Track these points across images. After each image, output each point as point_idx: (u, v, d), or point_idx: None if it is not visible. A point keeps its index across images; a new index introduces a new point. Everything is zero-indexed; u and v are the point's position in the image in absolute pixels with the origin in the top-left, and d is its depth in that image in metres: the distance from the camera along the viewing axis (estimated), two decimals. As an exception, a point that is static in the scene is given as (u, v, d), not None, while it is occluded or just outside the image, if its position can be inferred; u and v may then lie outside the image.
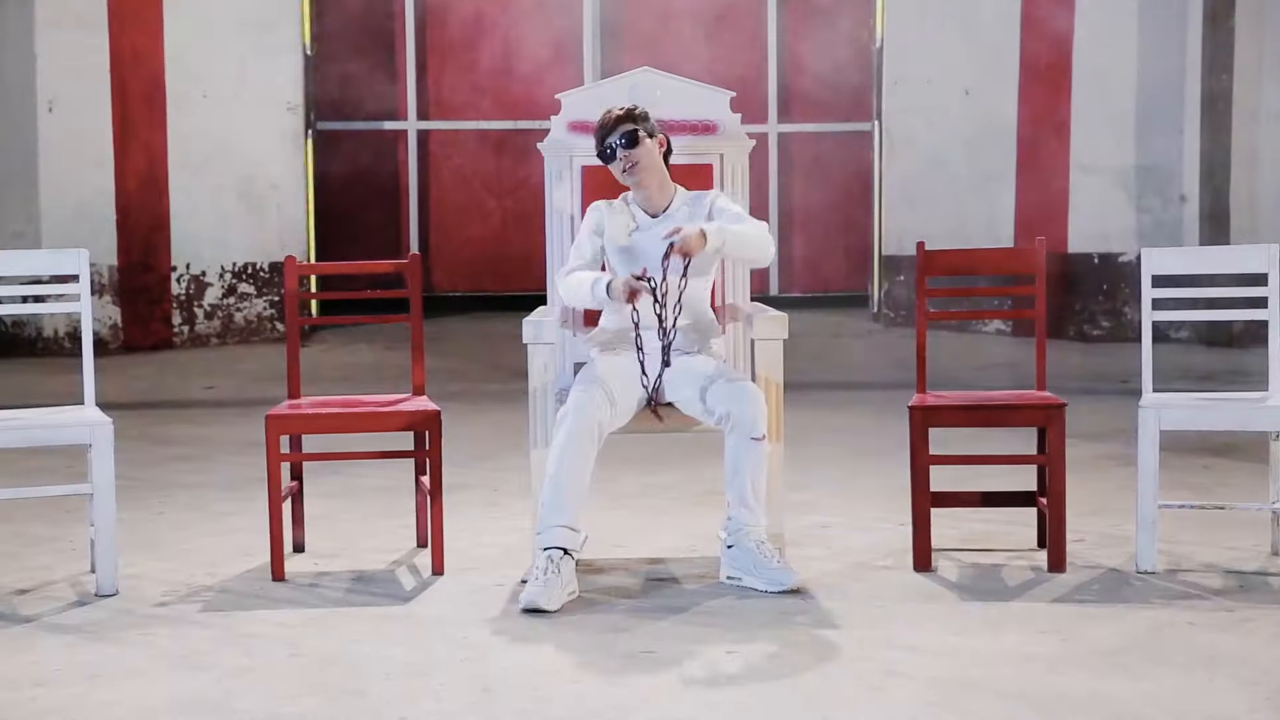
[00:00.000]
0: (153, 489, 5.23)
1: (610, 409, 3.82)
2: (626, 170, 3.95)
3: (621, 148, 3.92)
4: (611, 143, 3.94)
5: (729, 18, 9.74)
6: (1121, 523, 4.48)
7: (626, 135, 3.92)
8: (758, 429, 3.79)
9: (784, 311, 3.99)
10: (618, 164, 3.95)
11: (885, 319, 9.10)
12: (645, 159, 3.95)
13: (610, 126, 3.93)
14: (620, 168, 3.95)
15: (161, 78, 8.53)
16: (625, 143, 3.92)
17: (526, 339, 3.89)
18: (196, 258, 8.68)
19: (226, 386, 7.58)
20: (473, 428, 6.29)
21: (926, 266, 4.18)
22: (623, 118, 3.93)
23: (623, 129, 3.92)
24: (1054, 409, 3.93)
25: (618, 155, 3.93)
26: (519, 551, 4.23)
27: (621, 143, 3.92)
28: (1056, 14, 8.64)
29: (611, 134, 3.93)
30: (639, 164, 3.94)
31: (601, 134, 3.95)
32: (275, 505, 3.94)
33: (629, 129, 3.92)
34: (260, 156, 8.65)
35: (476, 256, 9.76)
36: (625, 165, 3.94)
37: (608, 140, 3.94)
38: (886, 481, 5.15)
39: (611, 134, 3.93)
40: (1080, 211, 8.65)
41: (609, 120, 3.94)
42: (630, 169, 3.94)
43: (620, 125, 3.92)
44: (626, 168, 3.94)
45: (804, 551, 4.21)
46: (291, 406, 4.15)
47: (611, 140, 3.94)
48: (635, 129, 3.93)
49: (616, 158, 3.94)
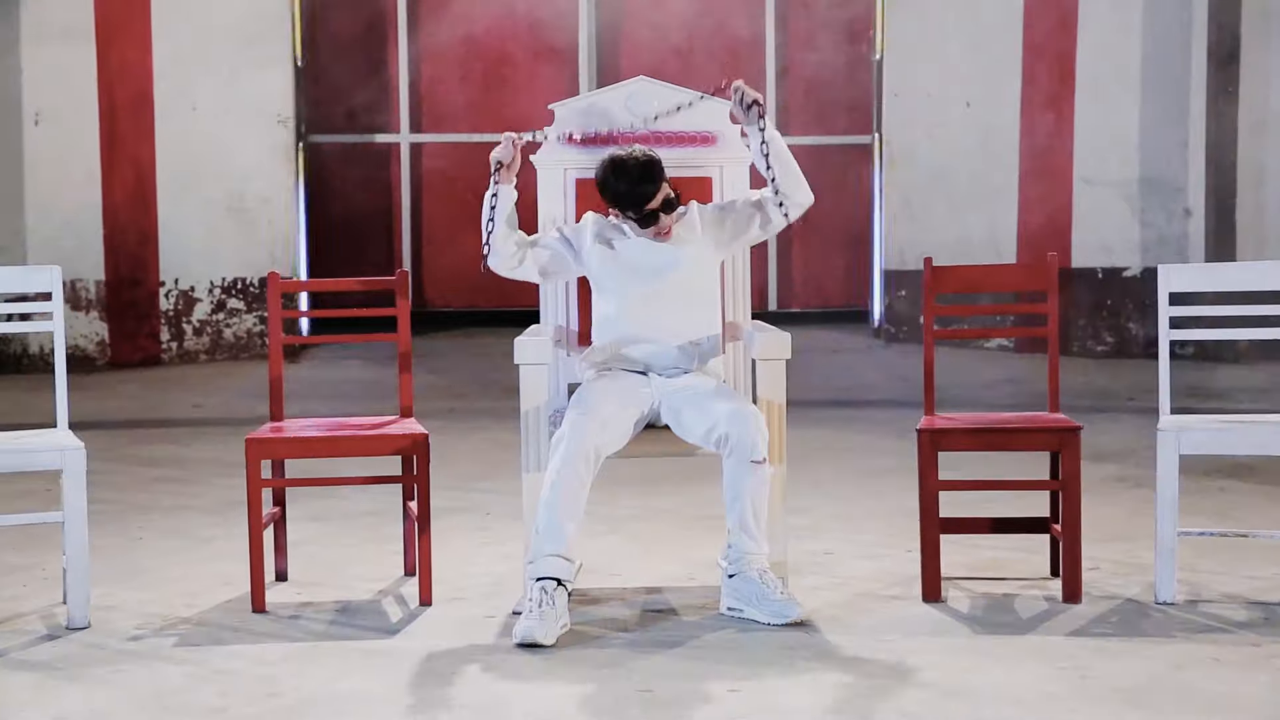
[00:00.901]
0: (133, 512, 5.07)
1: (607, 432, 3.66)
2: (663, 232, 3.81)
3: (663, 214, 3.79)
4: (653, 208, 3.77)
5: (727, 29, 9.63)
6: (1136, 549, 4.32)
7: (667, 204, 3.78)
8: (758, 452, 3.63)
9: (782, 326, 3.84)
10: (661, 225, 3.79)
11: (886, 334, 8.98)
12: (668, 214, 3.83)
13: (643, 194, 3.74)
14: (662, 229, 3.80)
15: (150, 90, 8.42)
16: (640, 222, 3.79)
17: (518, 359, 3.73)
18: (185, 273, 8.57)
19: (214, 405, 7.43)
20: (465, 447, 6.14)
21: (935, 283, 4.03)
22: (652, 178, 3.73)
23: (660, 196, 3.75)
24: (1068, 432, 3.77)
25: (661, 220, 3.78)
26: (510, 580, 4.06)
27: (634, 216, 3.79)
28: (1059, 25, 8.56)
29: (648, 199, 3.75)
30: (673, 215, 3.82)
31: (634, 197, 3.74)
32: (256, 533, 3.77)
33: (666, 196, 3.76)
34: (250, 170, 8.54)
35: (470, 271, 9.19)
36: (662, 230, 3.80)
37: (649, 207, 3.76)
38: (890, 504, 4.99)
39: (648, 199, 3.75)
40: (1083, 225, 8.56)
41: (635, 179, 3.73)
42: (666, 234, 3.81)
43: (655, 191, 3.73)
44: (664, 230, 3.80)
45: (807, 580, 4.04)
46: (274, 429, 3.98)
47: (653, 206, 3.77)
48: (672, 197, 3.78)
49: (660, 223, 3.78)
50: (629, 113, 4.02)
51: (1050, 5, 8.54)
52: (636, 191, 3.74)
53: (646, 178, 3.74)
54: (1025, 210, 8.64)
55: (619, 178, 3.76)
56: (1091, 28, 8.48)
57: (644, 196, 3.75)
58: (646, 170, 3.74)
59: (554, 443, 3.63)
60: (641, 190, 3.74)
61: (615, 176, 3.77)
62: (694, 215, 3.90)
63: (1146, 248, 8.57)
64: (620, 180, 3.75)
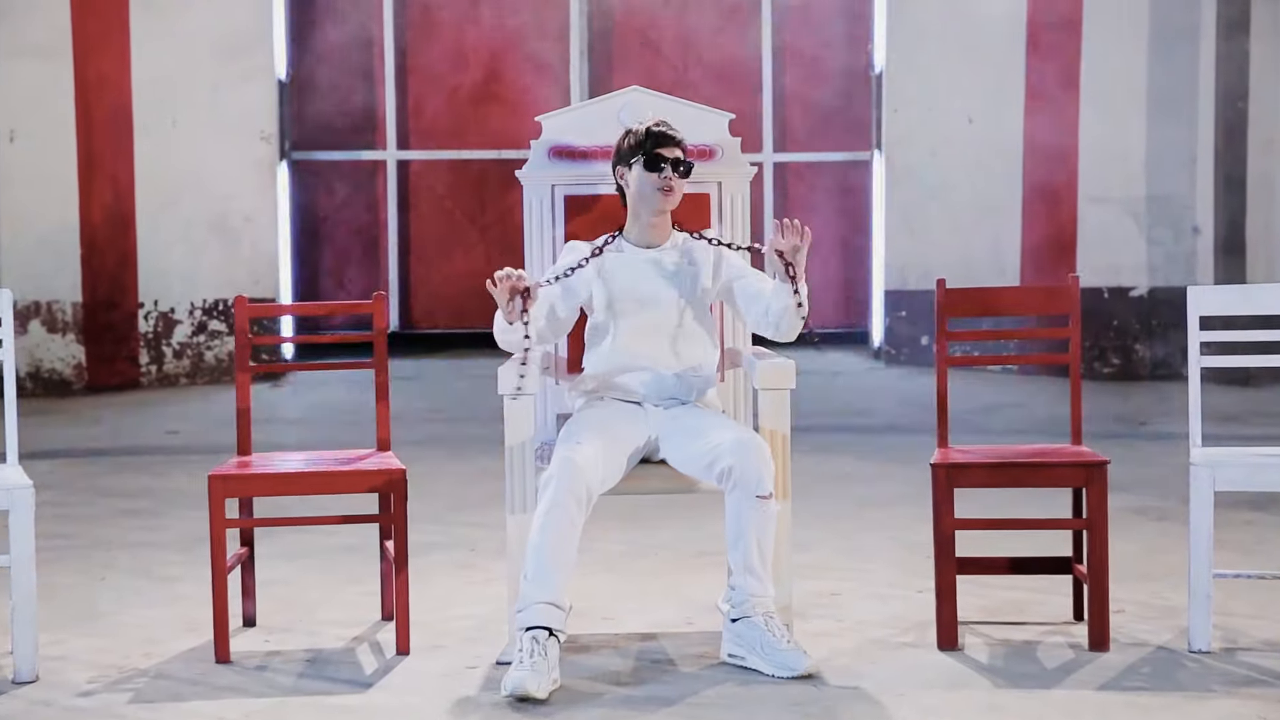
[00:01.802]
0: (97, 549, 4.79)
1: (600, 469, 3.39)
2: (664, 190, 3.57)
3: (675, 171, 3.57)
4: (665, 155, 3.56)
5: (722, 43, 9.43)
6: (1162, 589, 4.05)
7: (686, 165, 3.58)
8: (764, 486, 3.37)
9: (777, 349, 3.58)
10: (659, 179, 3.56)
11: (886, 356, 8.79)
12: (679, 194, 3.61)
13: (670, 139, 3.57)
14: (660, 184, 3.57)
15: (129, 106, 8.25)
16: (682, 171, 3.58)
17: (502, 390, 3.46)
18: (165, 294, 8.39)
19: (191, 431, 7.18)
20: (450, 476, 5.88)
21: (947, 306, 3.77)
22: (676, 140, 3.58)
23: (675, 152, 3.57)
24: (1095, 467, 3.50)
25: (663, 170, 3.56)
26: (494, 624, 3.79)
27: (680, 170, 3.58)
28: (1063, 38, 8.44)
29: (668, 146, 3.56)
30: (674, 193, 3.58)
31: (654, 140, 3.56)
32: (219, 579, 3.49)
33: (679, 158, 3.58)
34: (232, 188, 8.37)
35: (459, 292, 9.39)
36: (667, 185, 3.56)
37: (661, 149, 3.55)
38: (898, 537, 4.74)
39: (668, 146, 3.56)
40: (1089, 244, 8.45)
41: (667, 132, 3.58)
42: (668, 192, 3.57)
43: (674, 143, 3.57)
44: (666, 188, 3.57)
45: (812, 625, 3.77)
46: (240, 464, 3.71)
47: (666, 153, 3.56)
48: (689, 162, 3.60)
49: (661, 171, 3.56)
50: (622, 125, 3.76)
51: (1054, 18, 8.43)
52: (658, 132, 3.56)
53: (674, 137, 3.58)
54: (1029, 228, 8.51)
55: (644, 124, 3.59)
56: (1097, 41, 8.38)
57: (665, 138, 3.56)
58: (677, 133, 3.59)
59: (543, 482, 3.37)
60: (664, 132, 3.56)
61: (641, 125, 3.59)
62: (710, 250, 3.66)
63: (1154, 267, 8.47)
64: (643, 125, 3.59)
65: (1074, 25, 8.38)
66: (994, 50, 8.46)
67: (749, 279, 3.60)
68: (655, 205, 3.58)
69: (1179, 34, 8.34)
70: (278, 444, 7.05)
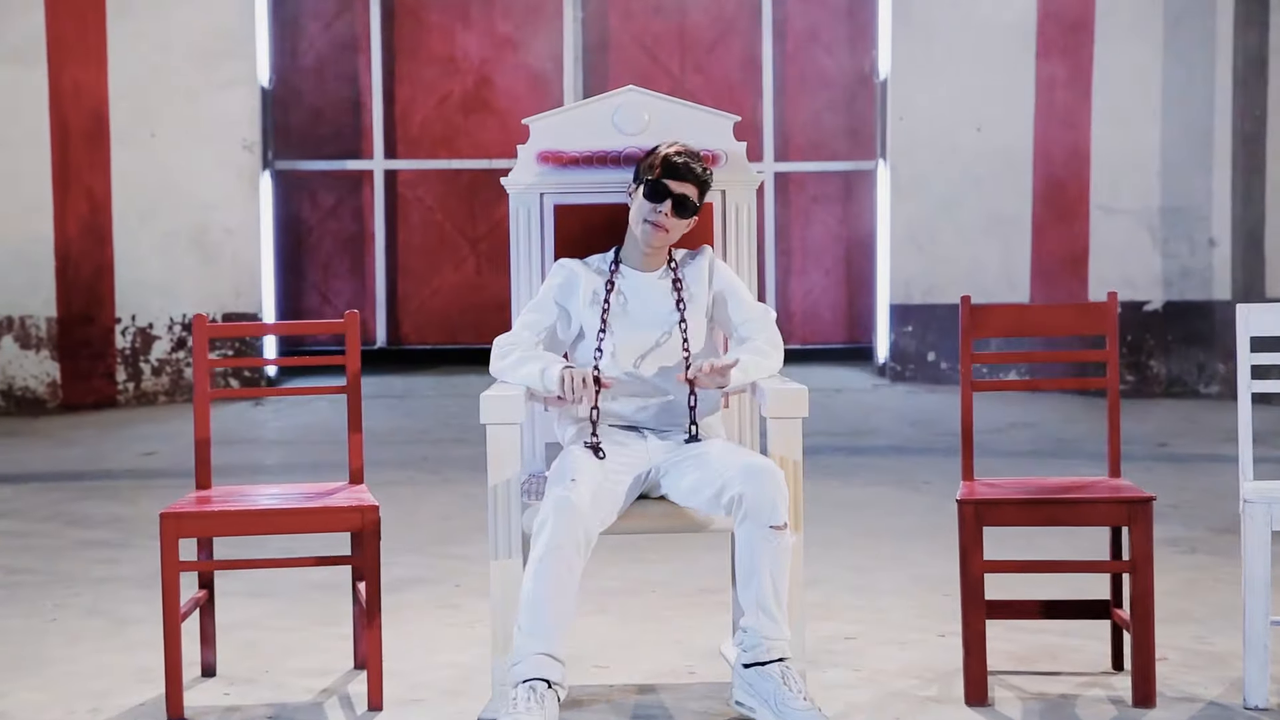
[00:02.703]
0: (55, 585, 4.46)
1: (597, 510, 3.06)
2: (655, 225, 3.26)
3: (675, 209, 3.26)
4: (672, 188, 3.25)
5: (721, 49, 9.19)
6: (1207, 634, 3.73)
7: (680, 202, 3.26)
8: (778, 515, 3.04)
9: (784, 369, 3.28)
10: (652, 211, 3.26)
11: (892, 373, 8.54)
12: (675, 233, 3.30)
13: (686, 174, 3.25)
14: (651, 217, 3.26)
15: (105, 114, 8.06)
16: (684, 212, 3.26)
17: (485, 418, 3.14)
18: (143, 309, 8.17)
19: (169, 452, 6.85)
20: (436, 503, 5.55)
21: (973, 325, 3.45)
22: (697, 175, 3.27)
23: (685, 189, 3.25)
24: (1138, 504, 3.18)
25: (664, 205, 3.24)
26: (477, 673, 3.47)
27: (681, 211, 3.27)
28: (1075, 43, 8.28)
29: (680, 181, 3.25)
30: (669, 233, 3.28)
31: (667, 169, 3.25)
32: (172, 629, 3.17)
33: (687, 196, 3.26)
34: (213, 199, 8.16)
35: (448, 306, 9.18)
36: (658, 221, 3.26)
37: (670, 180, 3.25)
38: (913, 573, 4.42)
39: (680, 181, 3.25)
40: (1102, 256, 8.29)
41: (686, 164, 3.26)
42: (658, 229, 3.27)
43: (689, 179, 3.26)
44: (657, 224, 3.26)
45: (826, 675, 3.45)
46: (199, 500, 3.39)
47: (674, 186, 3.25)
48: (693, 204, 3.28)
49: (659, 203, 3.25)
50: (617, 129, 3.44)
51: (1066, 22, 8.27)
52: (676, 162, 3.26)
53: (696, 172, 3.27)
54: (1040, 240, 8.34)
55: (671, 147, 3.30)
56: (1110, 46, 8.24)
57: (679, 170, 3.25)
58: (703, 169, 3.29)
59: (537, 525, 3.04)
60: (681, 164, 3.26)
61: (669, 146, 3.30)
62: (704, 262, 3.35)
63: (1169, 280, 8.32)
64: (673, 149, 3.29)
65: (1086, 28, 8.23)
66: (1002, 55, 8.29)
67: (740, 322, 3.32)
68: (641, 238, 3.31)
69: (1195, 38, 8.19)
70: (258, 465, 6.79)
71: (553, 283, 3.33)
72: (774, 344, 3.29)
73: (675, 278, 3.31)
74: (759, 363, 3.24)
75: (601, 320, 3.28)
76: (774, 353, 3.28)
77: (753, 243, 3.50)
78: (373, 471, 6.09)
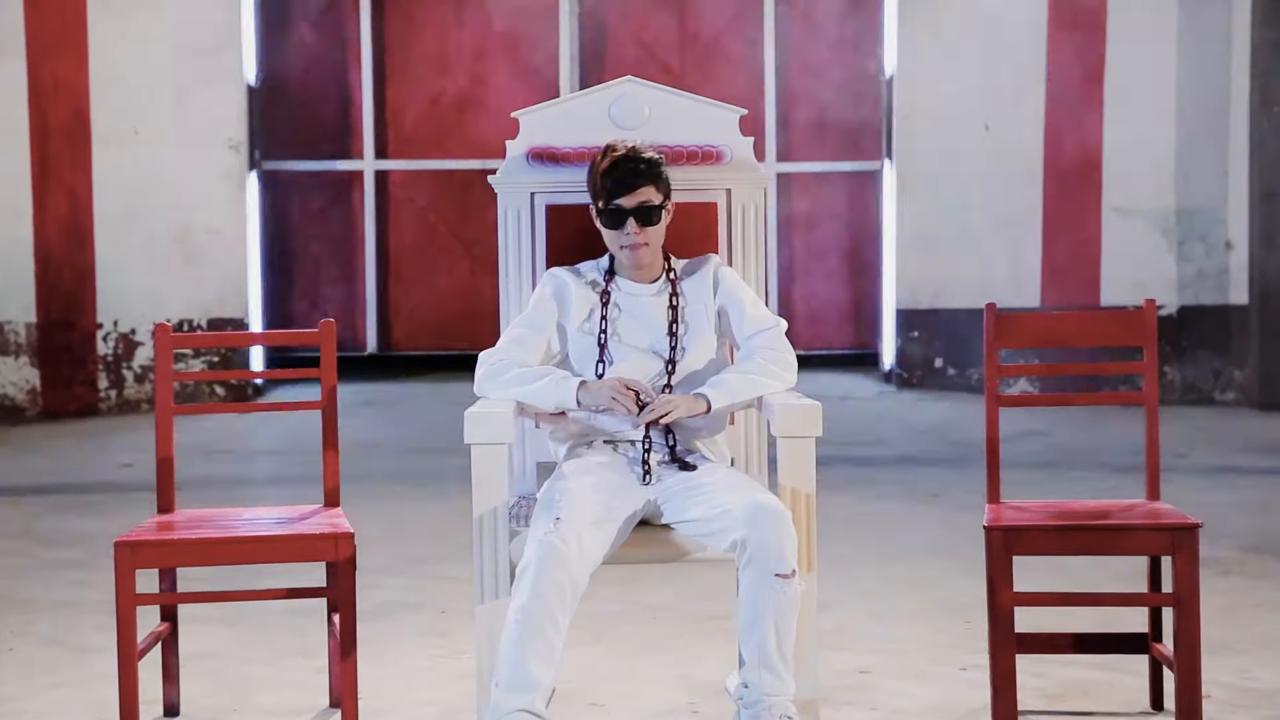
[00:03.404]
0: (16, 610, 4.20)
1: (589, 550, 2.79)
2: (633, 248, 3.01)
3: (641, 224, 3.00)
4: (625, 206, 2.99)
5: (721, 46, 9.02)
6: (1250, 665, 3.47)
7: (642, 212, 2.99)
8: (785, 562, 2.78)
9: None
10: (622, 236, 3.00)
11: (898, 379, 8.36)
12: (656, 240, 3.03)
13: (630, 182, 2.98)
14: (624, 241, 3.01)
15: (86, 111, 7.89)
16: (643, 220, 3.00)
17: (470, 437, 2.87)
18: (126, 314, 8.01)
19: (149, 462, 6.41)
20: (425, 519, 5.29)
21: (999, 335, 3.19)
22: (641, 172, 2.98)
23: (639, 196, 2.99)
24: (1183, 532, 2.92)
25: (627, 225, 2.99)
26: (463, 713, 3.21)
27: (646, 221, 3.01)
28: (1087, 40, 8.13)
29: (627, 192, 2.99)
30: (649, 245, 3.02)
31: (611, 186, 2.99)
32: (128, 666, 2.90)
33: (645, 203, 2.99)
34: (198, 200, 8.00)
35: (441, 311, 9.00)
36: (634, 244, 3.00)
37: (621, 199, 2.98)
38: (929, 596, 4.17)
39: (627, 192, 2.99)
40: (1114, 260, 8.15)
41: (620, 166, 2.99)
42: (638, 249, 3.01)
43: (637, 184, 2.98)
44: (635, 246, 3.00)
45: (841, 714, 3.19)
46: (160, 526, 3.13)
47: (626, 202, 2.98)
48: (656, 206, 3.01)
49: (623, 228, 2.99)
50: (614, 123, 3.19)
51: (1077, 17, 8.13)
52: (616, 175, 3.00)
53: (637, 170, 2.99)
54: (1050, 243, 8.19)
55: (604, 157, 3.03)
56: (1123, 41, 8.10)
57: (622, 182, 2.99)
58: (643, 163, 3.00)
59: (520, 568, 2.77)
60: (621, 176, 2.99)
61: (603, 157, 3.03)
62: (708, 272, 3.09)
63: (1184, 284, 8.17)
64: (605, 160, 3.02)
65: (1098, 25, 8.09)
66: (1012, 52, 8.15)
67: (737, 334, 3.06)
68: (627, 262, 3.05)
69: (1211, 34, 8.03)
70: (242, 478, 6.54)
71: (544, 293, 3.06)
72: (784, 364, 3.02)
73: (674, 292, 3.05)
74: (758, 382, 2.99)
75: (599, 345, 3.02)
76: (782, 373, 3.02)
77: (760, 246, 3.24)
78: (360, 484, 5.87)
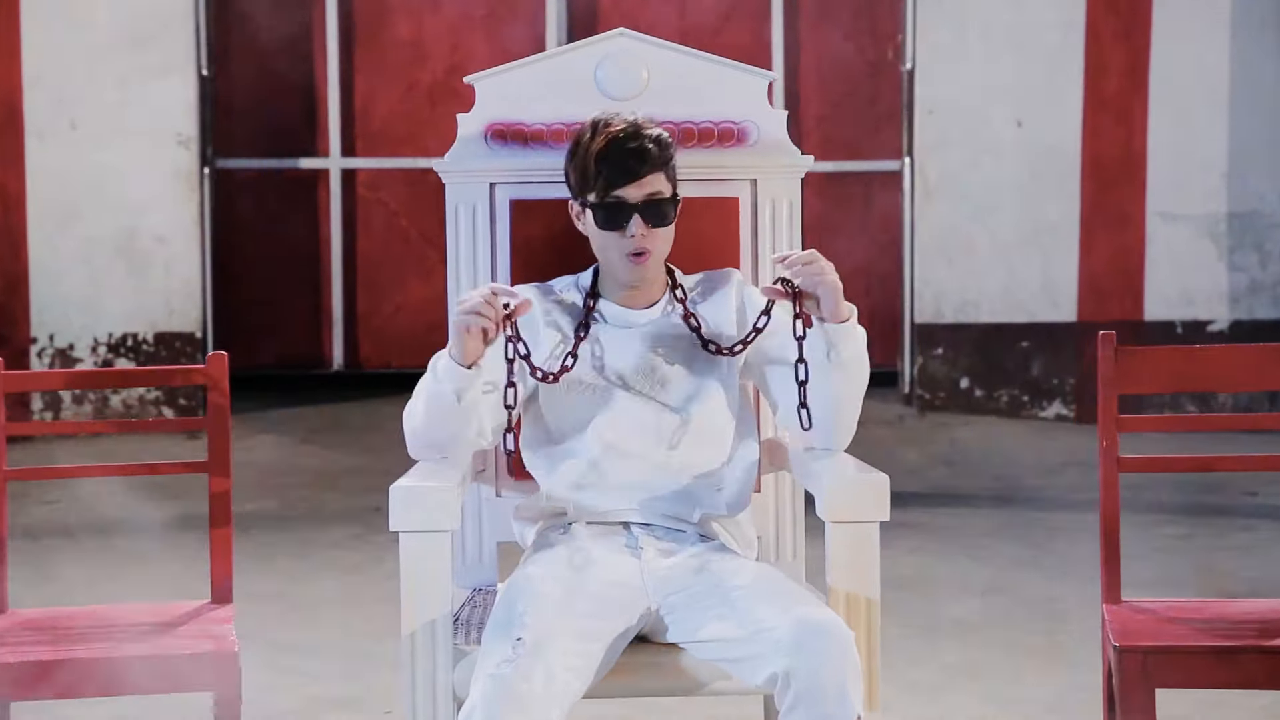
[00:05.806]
0: None
1: (559, 687, 2.00)
2: (634, 255, 2.29)
3: (649, 222, 2.27)
4: (627, 199, 2.25)
5: (726, 35, 8.62)
6: None
7: (652, 207, 2.26)
8: (847, 705, 1.98)
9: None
10: (623, 240, 2.28)
11: (919, 401, 7.94)
12: (663, 248, 2.31)
13: (635, 168, 2.25)
14: (627, 247, 2.29)
15: (19, 104, 7.56)
16: (653, 218, 2.27)
17: (397, 522, 2.09)
18: (63, 327, 7.70)
19: (77, 500, 6.08)
20: (385, 576, 4.62)
21: (1120, 375, 2.39)
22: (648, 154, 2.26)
23: (647, 186, 2.26)
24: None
25: (632, 225, 2.27)
26: None
27: (655, 218, 2.28)
28: (1129, 28, 7.82)
29: (630, 181, 2.25)
30: (654, 254, 2.31)
31: (610, 174, 2.26)
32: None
33: (656, 195, 2.26)
34: (144, 202, 7.70)
35: (414, 324, 8.62)
36: (637, 249, 2.29)
37: (621, 190, 2.26)
38: (994, 691, 3.44)
39: (630, 181, 2.25)
40: (1159, 270, 7.85)
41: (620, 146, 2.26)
42: (640, 257, 2.29)
43: (644, 171, 2.25)
44: (637, 252, 2.29)
45: None
46: (-16, 633, 2.32)
47: (629, 195, 2.25)
48: (669, 200, 2.28)
49: (624, 229, 2.27)
50: (601, 91, 2.41)
51: (1119, 3, 7.86)
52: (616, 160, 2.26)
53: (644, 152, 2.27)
54: (1088, 252, 7.89)
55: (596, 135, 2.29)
56: (1169, 31, 7.81)
57: (625, 168, 2.25)
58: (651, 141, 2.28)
59: (464, 714, 1.99)
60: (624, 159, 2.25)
61: (593, 134, 2.30)
62: (730, 293, 2.36)
63: (1235, 297, 7.94)
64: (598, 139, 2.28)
65: (1142, 13, 7.79)
66: (1047, 42, 7.83)
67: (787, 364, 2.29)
68: (622, 277, 2.32)
69: (1265, 24, 7.75)
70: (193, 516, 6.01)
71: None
72: None
73: (687, 315, 2.29)
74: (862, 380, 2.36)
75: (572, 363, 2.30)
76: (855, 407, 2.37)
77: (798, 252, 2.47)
78: (315, 528, 5.50)
